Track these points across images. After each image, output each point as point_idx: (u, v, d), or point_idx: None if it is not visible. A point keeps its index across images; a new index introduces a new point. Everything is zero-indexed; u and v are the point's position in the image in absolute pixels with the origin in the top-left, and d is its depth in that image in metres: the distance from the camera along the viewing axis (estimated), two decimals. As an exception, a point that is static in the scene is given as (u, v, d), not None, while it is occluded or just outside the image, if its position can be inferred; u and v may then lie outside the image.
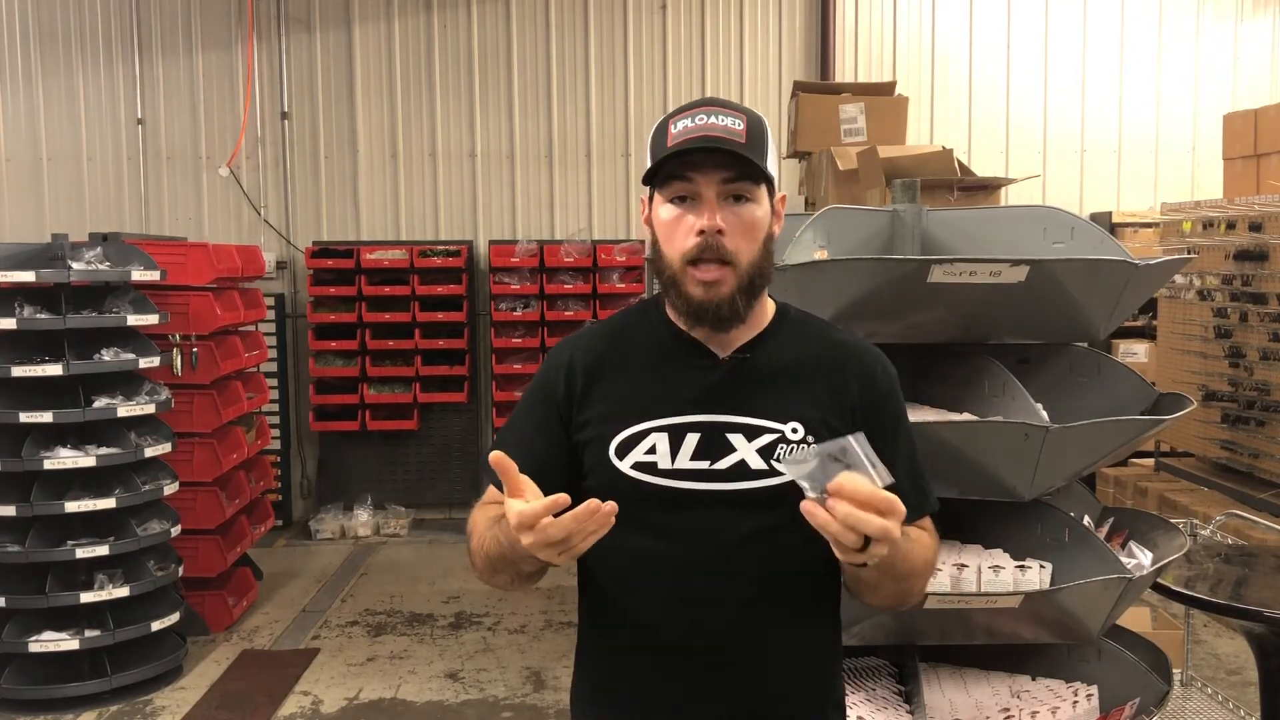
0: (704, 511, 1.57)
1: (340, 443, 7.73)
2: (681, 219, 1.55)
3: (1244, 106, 6.89)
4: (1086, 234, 2.61)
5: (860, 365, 1.66)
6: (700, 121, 1.54)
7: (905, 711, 2.52)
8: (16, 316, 4.41)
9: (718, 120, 1.54)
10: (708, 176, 1.53)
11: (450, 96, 7.79)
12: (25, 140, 7.69)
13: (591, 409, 1.62)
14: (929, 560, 1.62)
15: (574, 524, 1.33)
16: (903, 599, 1.60)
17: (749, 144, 1.53)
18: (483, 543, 1.56)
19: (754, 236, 1.56)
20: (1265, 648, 3.01)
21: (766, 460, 1.56)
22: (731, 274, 1.54)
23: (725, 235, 1.53)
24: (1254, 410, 5.51)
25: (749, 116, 1.56)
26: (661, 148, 1.55)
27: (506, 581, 1.57)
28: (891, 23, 7.93)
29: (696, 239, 1.53)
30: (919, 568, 1.57)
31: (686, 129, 1.54)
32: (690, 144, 1.52)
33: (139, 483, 4.64)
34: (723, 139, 1.52)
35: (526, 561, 1.46)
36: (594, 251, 7.43)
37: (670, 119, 1.58)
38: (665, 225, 1.57)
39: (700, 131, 1.53)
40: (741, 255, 1.54)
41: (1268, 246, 5.31)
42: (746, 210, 1.55)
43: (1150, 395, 2.75)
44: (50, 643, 4.50)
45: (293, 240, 7.75)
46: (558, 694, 4.68)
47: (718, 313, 1.55)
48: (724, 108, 1.56)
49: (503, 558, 1.50)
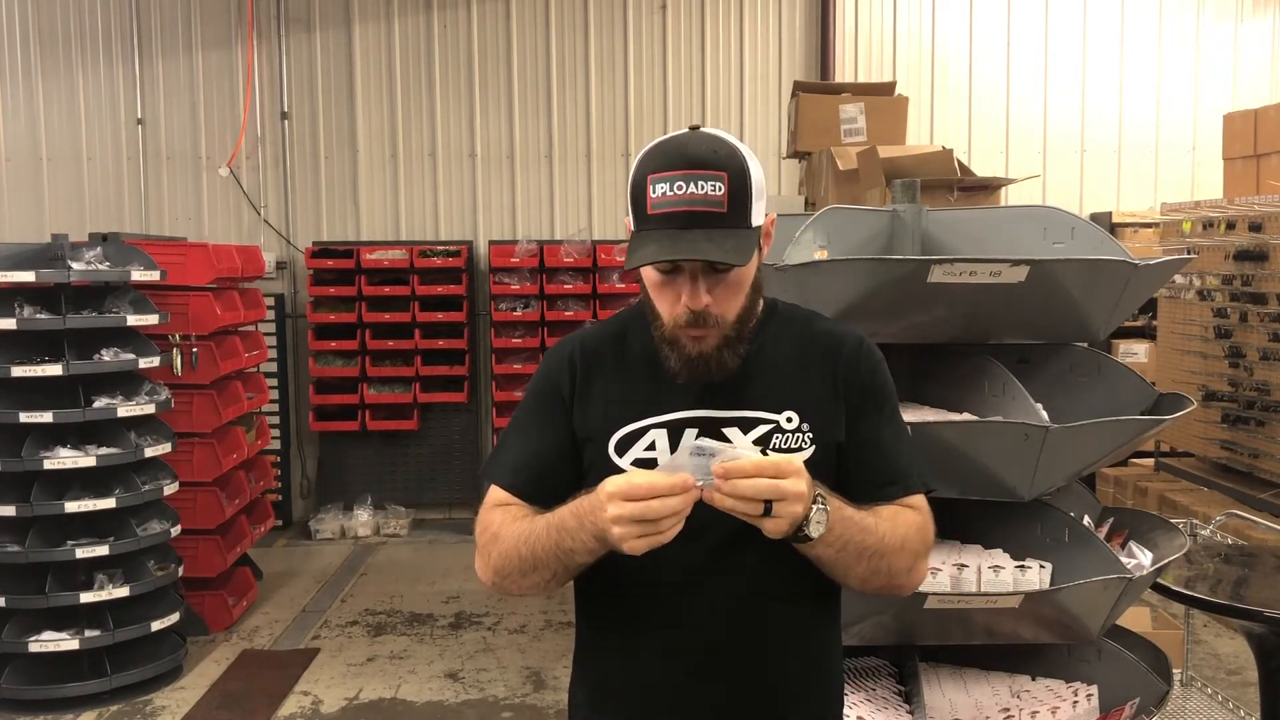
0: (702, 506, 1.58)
1: (340, 443, 7.73)
2: (669, 285, 1.56)
3: (1244, 106, 6.89)
4: (1086, 234, 2.61)
5: (844, 350, 1.68)
6: (679, 191, 1.48)
7: (905, 711, 2.52)
8: (16, 316, 4.41)
9: (697, 189, 1.48)
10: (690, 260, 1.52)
11: (450, 96, 7.79)
12: (25, 140, 7.69)
13: (592, 406, 1.65)
14: (909, 539, 1.59)
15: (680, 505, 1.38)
16: (889, 580, 1.58)
17: (730, 211, 1.49)
18: (517, 542, 1.55)
19: (740, 293, 1.58)
20: (1265, 648, 3.01)
21: (763, 451, 1.58)
22: (716, 332, 1.57)
23: (713, 305, 1.55)
24: (1254, 410, 5.51)
25: (730, 173, 1.50)
26: (642, 210, 1.52)
27: (540, 581, 1.56)
28: (891, 23, 7.93)
29: (685, 312, 1.55)
30: (891, 545, 1.55)
31: (666, 197, 1.49)
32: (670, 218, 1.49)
33: (139, 483, 4.64)
34: (704, 212, 1.49)
35: (581, 553, 1.48)
36: (594, 251, 7.43)
37: (649, 175, 1.51)
38: (654, 287, 1.59)
39: (683, 206, 1.49)
40: (729, 313, 1.57)
41: (1268, 246, 5.31)
42: (731, 277, 1.55)
43: (1150, 395, 2.75)
44: (50, 643, 4.50)
45: (293, 240, 7.75)
46: (558, 694, 4.68)
47: (705, 366, 1.57)
48: (703, 170, 1.49)
49: (552, 550, 1.51)
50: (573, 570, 1.55)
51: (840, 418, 1.64)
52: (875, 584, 1.58)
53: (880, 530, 1.54)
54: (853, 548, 1.51)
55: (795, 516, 1.41)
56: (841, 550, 1.50)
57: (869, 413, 1.65)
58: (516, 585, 1.59)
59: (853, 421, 1.65)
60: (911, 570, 1.61)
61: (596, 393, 1.65)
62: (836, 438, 1.64)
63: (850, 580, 1.57)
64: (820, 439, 1.62)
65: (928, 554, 1.66)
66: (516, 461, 1.66)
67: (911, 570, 1.61)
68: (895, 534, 1.56)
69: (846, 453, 1.65)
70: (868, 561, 1.54)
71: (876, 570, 1.55)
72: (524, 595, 1.63)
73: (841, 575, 1.57)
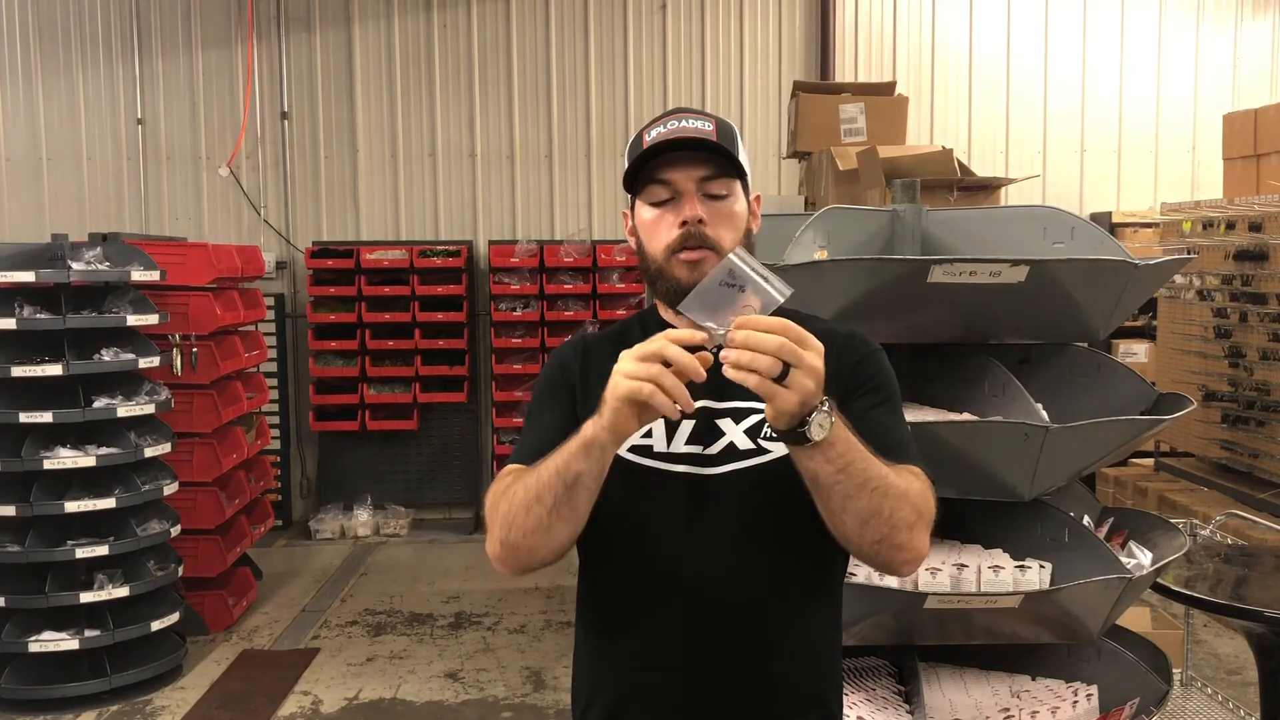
0: (698, 493, 1.60)
1: (340, 443, 7.73)
2: (662, 217, 1.62)
3: (1244, 106, 6.89)
4: (1086, 234, 2.61)
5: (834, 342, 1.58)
6: (672, 126, 1.62)
7: (905, 711, 2.52)
8: (16, 316, 4.41)
9: (689, 124, 1.62)
10: (684, 172, 1.60)
11: (450, 96, 7.79)
12: (25, 140, 7.69)
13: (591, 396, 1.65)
14: (911, 492, 1.49)
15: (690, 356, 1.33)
16: (889, 531, 1.46)
17: (720, 141, 1.61)
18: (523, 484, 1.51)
19: (735, 226, 1.62)
20: (1265, 648, 3.01)
21: (754, 440, 1.60)
22: (714, 257, 1.57)
23: (706, 225, 1.59)
24: (1254, 410, 5.51)
25: (718, 120, 1.65)
26: (637, 153, 1.63)
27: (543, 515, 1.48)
28: (891, 23, 7.93)
29: (679, 230, 1.59)
30: (894, 488, 1.45)
31: (660, 134, 1.62)
32: (664, 143, 1.59)
33: (139, 483, 4.64)
34: (695, 137, 1.60)
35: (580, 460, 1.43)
36: (594, 251, 7.43)
37: (643, 130, 1.66)
38: (647, 225, 1.64)
39: (673, 134, 1.61)
40: (724, 243, 1.59)
41: (1268, 246, 5.31)
42: (725, 204, 1.62)
43: (1150, 395, 2.75)
44: (50, 643, 4.50)
45: (293, 240, 7.75)
46: (557, 694, 4.68)
47: None
48: (693, 113, 1.65)
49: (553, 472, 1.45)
50: (574, 495, 1.47)
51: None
52: (874, 532, 1.45)
53: (883, 469, 1.45)
54: (855, 471, 1.41)
55: (806, 391, 1.31)
56: (842, 471, 1.40)
57: (858, 397, 1.61)
58: (521, 534, 1.51)
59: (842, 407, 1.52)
60: (913, 528, 1.49)
61: (595, 382, 1.64)
62: None
63: (848, 519, 1.45)
64: None
65: (930, 522, 1.54)
66: (530, 444, 1.65)
67: (913, 528, 1.49)
68: (899, 480, 1.47)
69: None
70: (868, 497, 1.42)
71: (877, 511, 1.43)
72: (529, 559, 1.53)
73: (839, 509, 1.44)
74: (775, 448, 1.59)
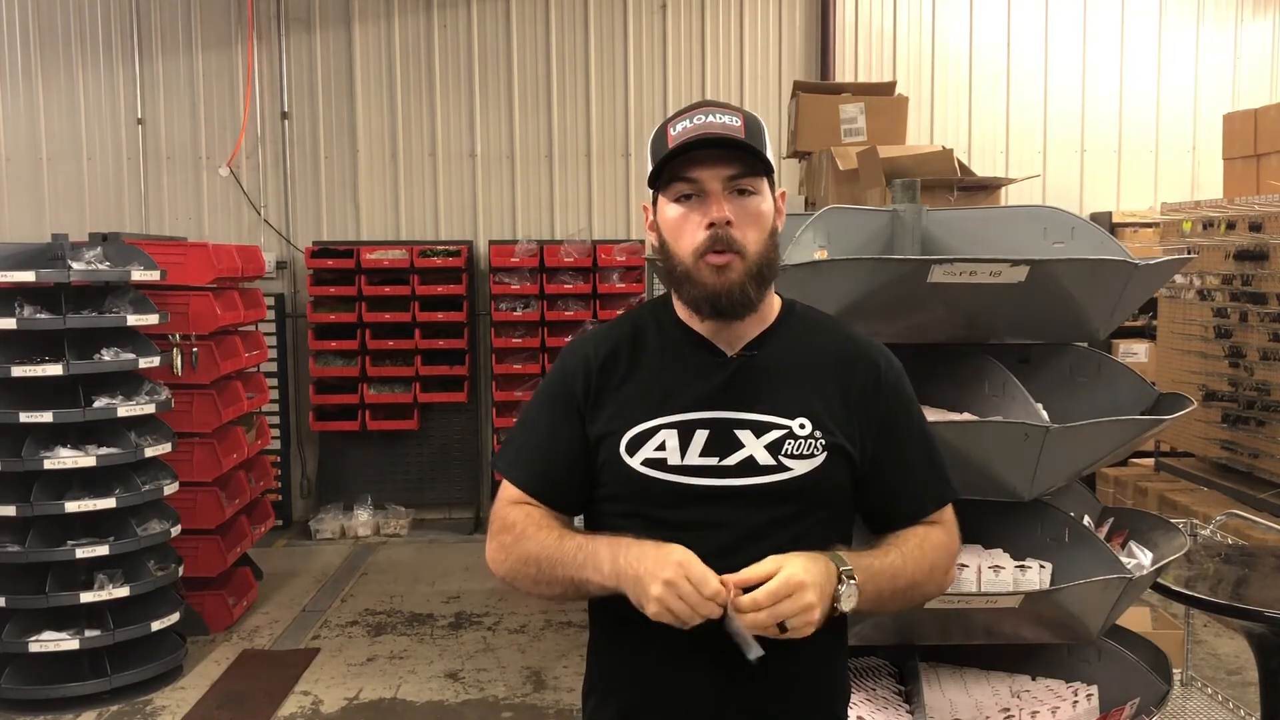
0: (713, 507, 1.60)
1: (340, 443, 7.73)
2: (688, 216, 1.59)
3: (1244, 106, 6.89)
4: (1086, 234, 2.61)
5: (865, 361, 1.69)
6: (699, 121, 1.58)
7: (905, 711, 2.52)
8: (16, 316, 4.41)
9: (716, 119, 1.58)
10: (712, 171, 1.56)
11: (450, 96, 7.79)
12: (25, 140, 7.69)
13: (605, 407, 1.65)
14: (937, 562, 1.66)
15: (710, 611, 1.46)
16: (921, 602, 1.70)
17: (748, 138, 1.57)
18: (540, 552, 1.58)
19: (761, 226, 1.60)
20: (1265, 648, 3.01)
21: (775, 456, 1.59)
22: (740, 261, 1.57)
23: (734, 226, 1.56)
24: (1254, 410, 5.51)
25: (745, 114, 1.61)
26: (663, 149, 1.58)
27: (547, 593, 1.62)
28: (891, 23, 7.93)
29: (706, 232, 1.57)
30: (920, 575, 1.62)
31: (686, 129, 1.57)
32: (692, 140, 1.55)
33: (139, 483, 4.64)
34: (723, 135, 1.56)
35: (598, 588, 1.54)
36: (594, 251, 7.43)
37: (669, 122, 1.61)
38: (672, 224, 1.60)
39: (700, 131, 1.56)
40: (750, 245, 1.58)
41: (1268, 246, 5.31)
42: (752, 202, 1.59)
43: (1150, 395, 2.75)
44: (50, 643, 4.50)
45: (293, 240, 7.75)
46: (558, 694, 4.69)
47: (730, 298, 1.57)
48: (720, 107, 1.61)
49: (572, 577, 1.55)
50: (581, 595, 1.60)
51: (855, 430, 1.65)
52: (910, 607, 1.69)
53: (908, 568, 1.60)
54: (885, 595, 1.58)
55: (812, 623, 1.47)
56: (875, 601, 1.57)
57: (890, 433, 1.67)
58: (523, 586, 1.63)
59: (874, 442, 1.66)
60: (941, 584, 1.70)
61: (610, 394, 1.65)
62: (849, 448, 1.64)
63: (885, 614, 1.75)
64: (832, 447, 1.62)
65: (955, 562, 1.73)
66: (531, 460, 1.68)
67: (941, 584, 1.70)
68: (923, 563, 1.63)
69: (870, 473, 1.67)
70: (901, 598, 1.63)
71: (910, 601, 1.66)
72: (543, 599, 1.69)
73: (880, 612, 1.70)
74: (797, 465, 1.60)
